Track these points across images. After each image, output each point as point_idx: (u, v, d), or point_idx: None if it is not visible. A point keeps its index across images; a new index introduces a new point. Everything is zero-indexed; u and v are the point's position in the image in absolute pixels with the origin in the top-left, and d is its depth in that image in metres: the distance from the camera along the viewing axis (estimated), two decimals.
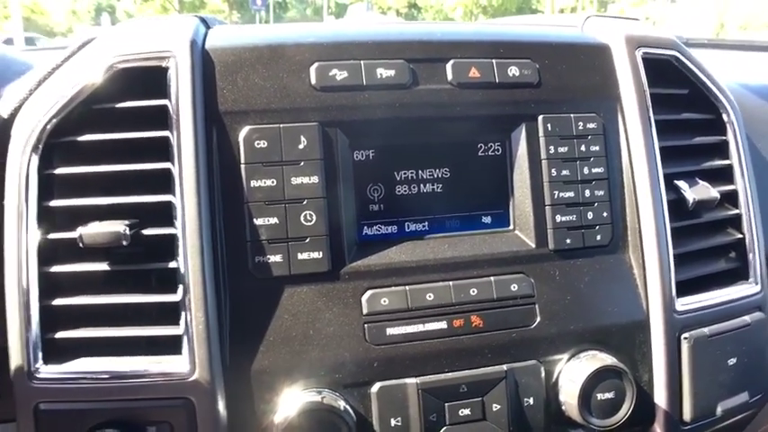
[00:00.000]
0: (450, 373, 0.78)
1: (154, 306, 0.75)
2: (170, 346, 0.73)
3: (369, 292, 0.77)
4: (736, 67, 1.78)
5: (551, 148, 0.84)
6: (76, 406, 0.72)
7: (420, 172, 0.83)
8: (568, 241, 0.84)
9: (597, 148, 0.86)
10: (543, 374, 0.80)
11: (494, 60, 0.83)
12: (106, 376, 0.72)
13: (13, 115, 0.78)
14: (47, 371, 0.72)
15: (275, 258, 0.76)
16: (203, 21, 0.83)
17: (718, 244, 0.94)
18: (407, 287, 0.78)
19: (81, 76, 0.76)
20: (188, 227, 0.72)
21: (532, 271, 0.82)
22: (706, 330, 0.87)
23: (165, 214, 0.74)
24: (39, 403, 0.72)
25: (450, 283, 0.79)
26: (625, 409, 0.79)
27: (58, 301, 0.74)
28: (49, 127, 0.74)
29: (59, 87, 0.76)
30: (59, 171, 0.75)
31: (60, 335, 0.74)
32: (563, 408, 0.80)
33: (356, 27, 0.87)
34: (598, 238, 0.85)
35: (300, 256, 0.76)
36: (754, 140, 1.15)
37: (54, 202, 0.75)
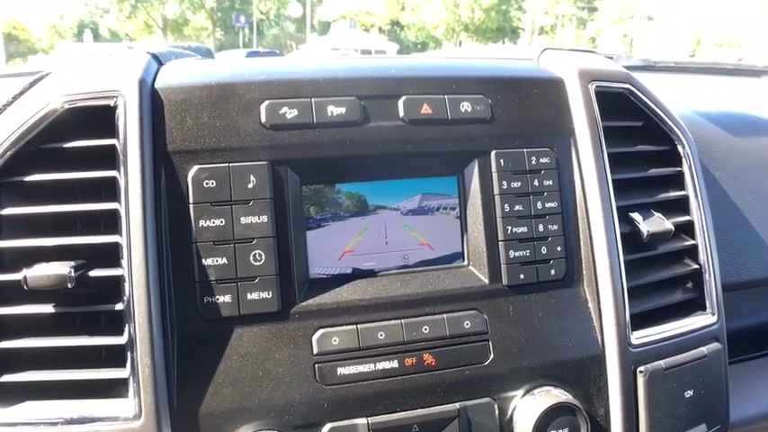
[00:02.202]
0: (401, 413, 0.77)
1: (101, 348, 0.74)
2: (117, 388, 0.72)
3: (319, 332, 0.77)
4: (702, 90, 1.81)
5: (504, 183, 0.84)
6: None
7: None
8: (522, 276, 0.84)
9: (550, 182, 0.86)
10: (497, 412, 0.80)
11: (446, 96, 0.83)
12: (52, 421, 0.71)
13: None
14: None
15: (224, 299, 0.75)
16: (156, 57, 0.83)
17: (674, 275, 0.94)
18: (358, 326, 0.78)
19: (30, 115, 0.75)
20: (135, 268, 0.71)
21: (486, 307, 0.82)
22: (662, 363, 0.87)
23: (112, 255, 0.73)
24: None
25: (402, 321, 0.79)
26: None
27: (3, 344, 0.73)
28: None
29: (7, 126, 0.75)
30: (6, 212, 0.74)
31: (5, 378, 0.73)
32: None
33: (308, 64, 0.86)
34: (552, 272, 0.85)
35: (250, 296, 0.75)
36: (712, 170, 1.17)
37: (0, 243, 0.74)
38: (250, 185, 0.76)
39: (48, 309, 0.73)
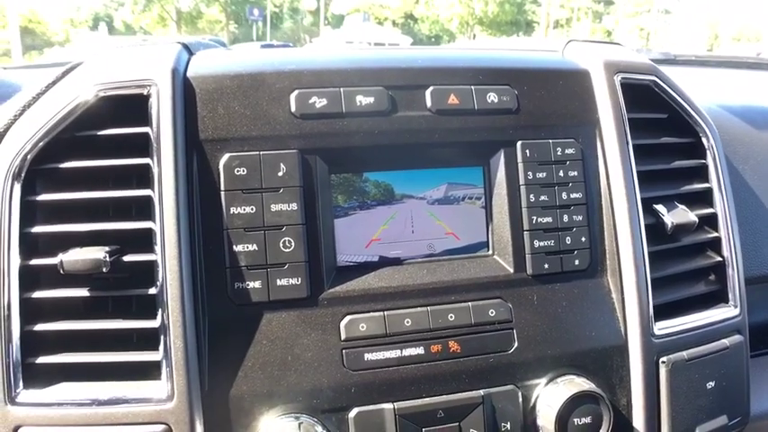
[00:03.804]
0: (427, 399, 0.78)
1: (134, 332, 0.76)
2: (150, 371, 0.74)
3: (347, 318, 0.78)
4: (723, 84, 1.80)
5: (530, 173, 0.85)
6: (56, 431, 0.72)
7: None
8: (546, 266, 0.85)
9: (575, 173, 0.87)
10: (521, 399, 0.81)
11: (473, 87, 0.84)
12: (85, 402, 0.72)
13: None
14: (27, 395, 0.73)
15: (254, 284, 0.76)
16: (186, 47, 0.84)
17: (697, 267, 0.94)
18: (385, 313, 0.79)
19: (64, 103, 0.77)
20: (167, 253, 0.73)
21: (510, 296, 0.83)
22: (684, 354, 0.87)
23: (145, 240, 0.75)
24: (18, 427, 0.72)
25: (428, 308, 0.80)
26: None
27: (39, 327, 0.75)
28: (31, 156, 0.75)
29: (43, 114, 0.77)
30: (42, 198, 0.76)
31: (41, 360, 0.74)
32: None
33: (337, 54, 0.88)
34: (576, 262, 0.86)
35: (279, 283, 0.77)
36: (736, 163, 1.16)
37: (36, 229, 0.76)
38: (280, 173, 0.77)
39: (82, 292, 0.75)
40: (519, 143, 0.85)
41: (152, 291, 0.74)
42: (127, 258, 0.75)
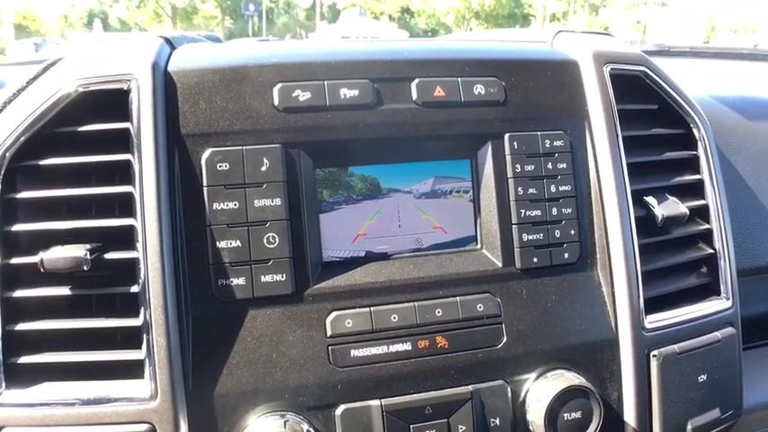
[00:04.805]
0: (415, 395, 0.77)
1: (117, 330, 0.75)
2: (133, 370, 0.73)
3: (333, 314, 0.77)
4: (717, 75, 1.79)
5: (518, 166, 0.84)
6: (39, 431, 0.71)
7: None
8: (535, 260, 0.84)
9: (564, 165, 0.86)
10: (510, 394, 0.80)
11: (459, 79, 0.83)
12: (69, 402, 0.71)
13: None
14: (9, 396, 0.72)
15: (238, 281, 0.75)
16: (168, 41, 0.83)
17: (689, 259, 0.94)
18: (372, 308, 0.78)
19: (44, 99, 0.75)
20: (149, 251, 0.72)
21: (499, 290, 0.82)
22: (675, 347, 0.86)
23: (127, 238, 0.74)
24: (1, 428, 0.71)
25: (415, 303, 0.79)
26: (592, 429, 0.79)
27: (20, 326, 0.74)
28: (10, 152, 0.74)
29: (23, 110, 0.76)
30: (22, 195, 0.75)
31: (23, 360, 0.74)
32: (530, 428, 0.80)
33: (321, 47, 0.86)
34: (566, 256, 0.85)
35: (264, 279, 0.76)
36: (728, 154, 1.16)
37: (16, 227, 0.75)
38: (263, 168, 0.76)
39: (64, 291, 0.74)
40: (507, 135, 0.84)
41: (134, 289, 0.73)
42: (108, 256, 0.74)
